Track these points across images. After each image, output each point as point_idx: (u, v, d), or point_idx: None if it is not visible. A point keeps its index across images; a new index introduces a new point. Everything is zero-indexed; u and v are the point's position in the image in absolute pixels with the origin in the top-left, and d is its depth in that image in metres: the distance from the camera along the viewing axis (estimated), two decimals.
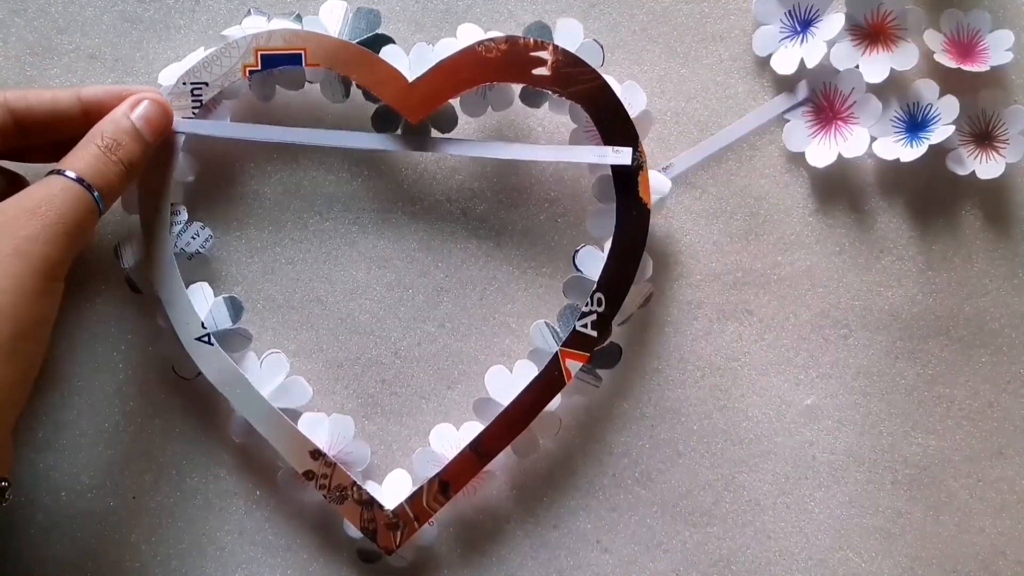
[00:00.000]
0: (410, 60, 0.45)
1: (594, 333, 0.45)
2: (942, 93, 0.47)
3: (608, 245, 0.45)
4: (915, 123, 0.47)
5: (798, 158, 0.48)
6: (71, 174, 0.40)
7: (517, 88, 0.46)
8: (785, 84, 0.48)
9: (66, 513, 0.47)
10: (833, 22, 0.47)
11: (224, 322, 0.45)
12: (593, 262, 0.46)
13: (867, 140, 0.47)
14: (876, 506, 0.48)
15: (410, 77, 0.45)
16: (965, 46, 0.47)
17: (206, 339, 0.45)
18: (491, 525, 0.48)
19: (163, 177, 0.45)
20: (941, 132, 0.46)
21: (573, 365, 0.45)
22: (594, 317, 0.45)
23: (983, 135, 0.48)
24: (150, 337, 0.47)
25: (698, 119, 0.47)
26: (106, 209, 0.41)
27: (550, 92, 0.45)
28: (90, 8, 0.48)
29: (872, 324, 0.48)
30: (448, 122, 0.46)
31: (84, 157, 0.40)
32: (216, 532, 0.47)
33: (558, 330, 0.46)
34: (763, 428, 0.48)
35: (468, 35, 0.46)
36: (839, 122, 0.48)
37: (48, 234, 0.38)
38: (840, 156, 0.47)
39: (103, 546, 0.47)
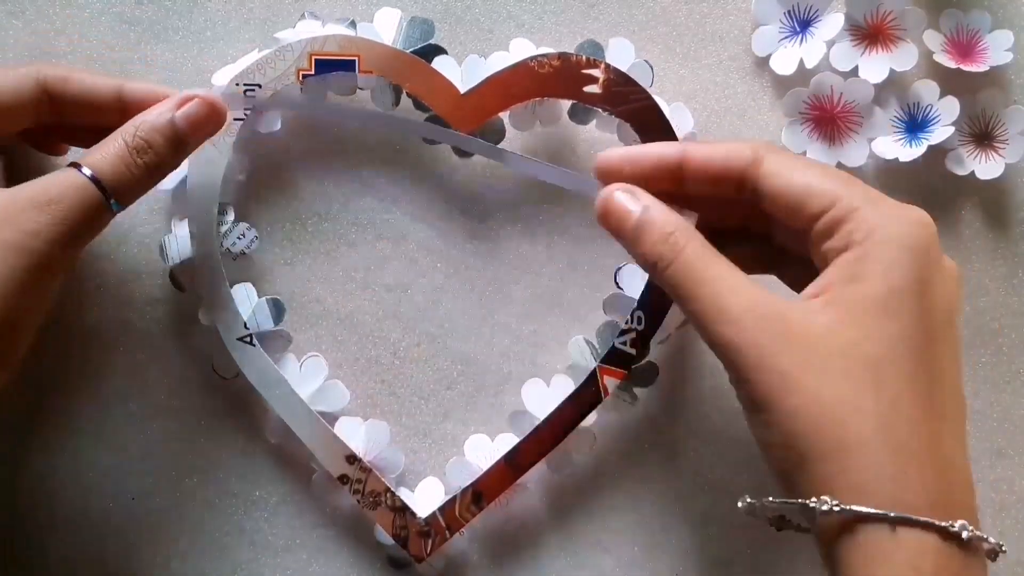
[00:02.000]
0: (462, 71, 0.46)
1: (632, 351, 0.45)
2: (942, 94, 0.47)
3: None
4: (915, 123, 0.47)
5: None
6: (87, 171, 0.38)
7: (566, 104, 0.46)
8: (785, 84, 0.48)
9: (66, 513, 0.47)
10: (832, 22, 0.47)
11: (266, 323, 0.46)
12: (634, 280, 0.46)
13: (867, 150, 0.47)
14: None
15: (462, 88, 0.45)
16: (965, 46, 0.47)
17: (248, 339, 0.45)
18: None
19: (214, 174, 0.45)
20: (941, 133, 0.46)
21: (611, 382, 0.45)
22: (633, 335, 0.45)
23: (983, 135, 0.47)
24: (149, 337, 0.48)
25: (697, 119, 0.47)
26: (122, 209, 0.39)
27: (599, 110, 0.45)
28: (88, 10, 0.48)
29: None
30: (496, 134, 0.46)
31: (107, 155, 0.38)
32: (216, 532, 0.48)
33: (596, 346, 0.46)
34: None
35: (520, 49, 0.46)
36: (838, 124, 0.48)
37: (52, 233, 0.37)
38: (840, 164, 0.48)
39: (103, 546, 0.47)
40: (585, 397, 0.46)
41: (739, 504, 0.38)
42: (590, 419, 0.46)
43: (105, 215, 0.38)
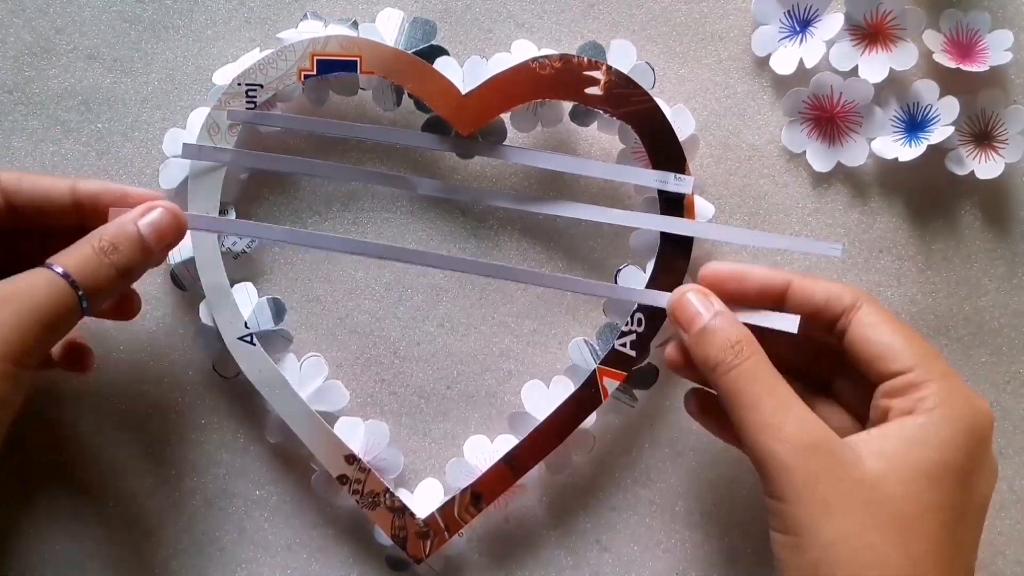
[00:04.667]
0: (463, 72, 0.46)
1: (632, 353, 0.45)
2: (942, 94, 0.47)
3: (651, 265, 0.46)
4: (915, 123, 0.47)
5: (798, 158, 0.48)
6: (58, 269, 0.38)
7: (567, 106, 0.47)
8: (785, 84, 0.48)
9: (66, 513, 0.47)
10: (832, 22, 0.47)
11: (266, 323, 0.46)
12: (635, 282, 0.46)
13: (866, 149, 0.47)
14: None
15: (463, 90, 0.45)
16: (964, 46, 0.47)
17: (248, 339, 0.45)
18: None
19: (215, 174, 0.45)
20: (940, 132, 0.46)
21: (610, 383, 0.45)
22: (633, 337, 0.45)
23: (982, 135, 0.47)
24: (150, 337, 0.48)
25: (697, 119, 0.47)
26: (91, 310, 0.39)
27: (600, 111, 0.45)
28: (88, 8, 0.48)
29: None
30: (498, 135, 0.46)
31: (75, 255, 0.39)
32: (216, 532, 0.48)
33: (596, 348, 0.46)
34: None
35: (522, 51, 0.46)
36: (838, 124, 0.48)
37: (21, 322, 0.36)
38: (840, 164, 0.48)
39: (103, 546, 0.47)
40: (585, 399, 0.46)
41: None
42: (590, 420, 0.46)
43: (75, 311, 0.38)
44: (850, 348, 0.40)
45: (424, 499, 0.46)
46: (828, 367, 0.43)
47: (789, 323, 0.42)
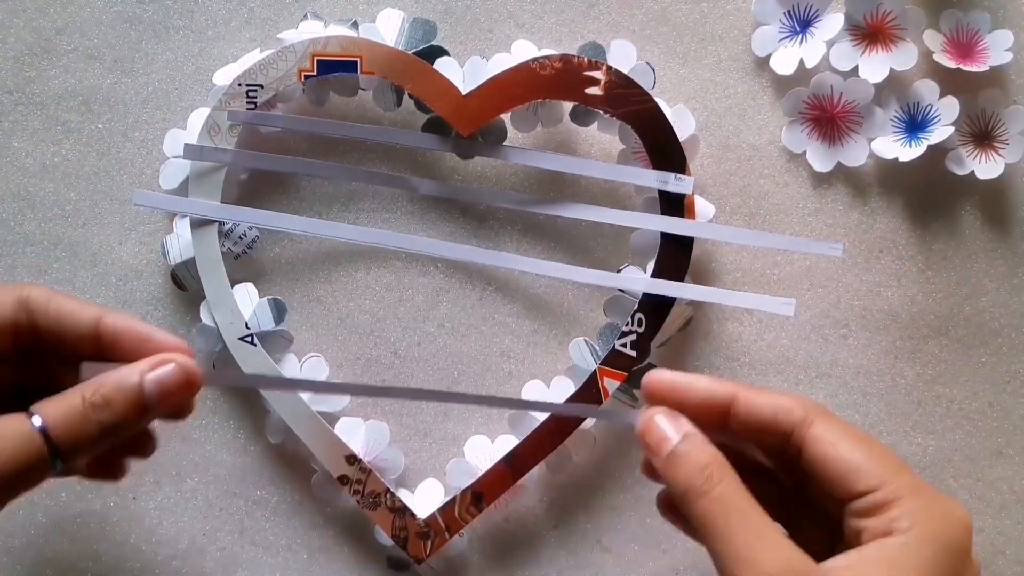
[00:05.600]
0: (464, 73, 0.46)
1: (633, 353, 0.45)
2: (942, 94, 0.47)
3: (651, 265, 0.46)
4: (915, 123, 0.47)
5: (798, 158, 0.48)
6: (37, 421, 0.33)
7: (568, 106, 0.47)
8: (785, 84, 0.48)
9: (66, 513, 0.47)
10: (832, 22, 0.47)
11: (267, 323, 0.46)
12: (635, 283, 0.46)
13: (867, 149, 0.47)
14: None
15: (463, 90, 0.45)
16: (965, 46, 0.47)
17: (249, 339, 0.45)
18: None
19: (215, 174, 0.45)
20: (941, 133, 0.46)
21: (611, 384, 0.45)
22: (634, 337, 0.45)
23: (982, 135, 0.47)
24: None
25: (697, 119, 0.47)
26: (64, 471, 0.34)
27: (600, 112, 0.46)
28: (89, 8, 0.48)
29: (872, 324, 0.48)
30: (498, 136, 0.47)
31: (61, 407, 0.34)
32: (216, 532, 0.48)
33: (597, 348, 0.46)
34: None
35: (522, 51, 0.46)
36: (838, 124, 0.48)
37: None
38: (840, 164, 0.48)
39: (103, 546, 0.47)
40: (585, 399, 0.46)
41: None
42: (590, 421, 0.46)
43: (44, 470, 0.34)
44: (809, 467, 0.37)
45: (425, 499, 0.46)
46: (803, 474, 0.40)
47: (785, 307, 0.40)
